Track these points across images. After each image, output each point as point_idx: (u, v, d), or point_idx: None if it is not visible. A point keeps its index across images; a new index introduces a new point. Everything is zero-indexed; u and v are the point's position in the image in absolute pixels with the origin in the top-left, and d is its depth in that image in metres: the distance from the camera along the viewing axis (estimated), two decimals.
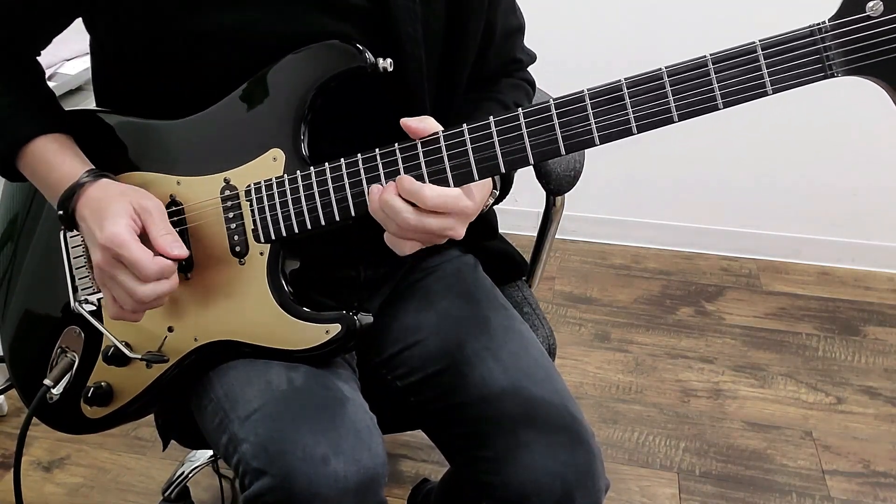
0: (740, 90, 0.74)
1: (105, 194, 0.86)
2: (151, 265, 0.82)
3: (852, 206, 2.39)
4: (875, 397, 1.93)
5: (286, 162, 0.87)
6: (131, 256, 0.82)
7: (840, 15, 0.71)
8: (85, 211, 0.86)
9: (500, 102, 1.04)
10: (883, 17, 0.70)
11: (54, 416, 1.01)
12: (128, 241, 0.82)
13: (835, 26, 0.71)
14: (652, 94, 0.75)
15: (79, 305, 0.95)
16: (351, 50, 0.85)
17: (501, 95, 1.05)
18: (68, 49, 1.75)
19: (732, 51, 0.74)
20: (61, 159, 0.90)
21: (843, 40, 0.71)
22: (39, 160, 0.91)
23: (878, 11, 0.70)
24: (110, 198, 0.86)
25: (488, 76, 1.05)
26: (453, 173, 0.81)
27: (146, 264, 0.82)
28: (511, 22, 1.06)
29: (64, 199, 0.88)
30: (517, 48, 1.10)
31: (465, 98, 1.02)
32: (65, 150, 0.91)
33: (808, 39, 0.72)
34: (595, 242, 2.56)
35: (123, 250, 0.82)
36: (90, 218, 0.86)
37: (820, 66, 0.72)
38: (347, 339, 0.88)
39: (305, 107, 0.87)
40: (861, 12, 0.71)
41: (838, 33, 0.71)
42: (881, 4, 0.70)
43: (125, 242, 0.82)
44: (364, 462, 0.84)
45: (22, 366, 1.03)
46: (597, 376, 1.99)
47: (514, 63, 1.10)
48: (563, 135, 0.78)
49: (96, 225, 0.84)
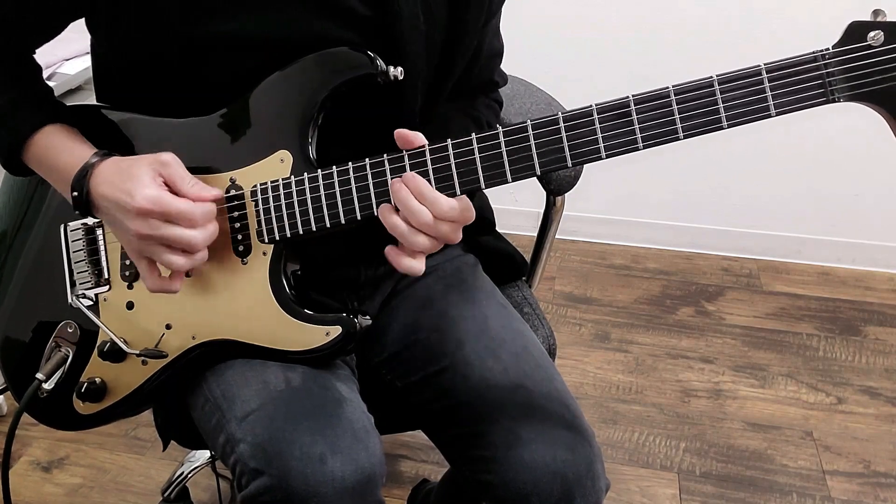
0: (744, 111, 0.76)
1: (118, 166, 0.86)
2: (198, 209, 0.83)
3: (852, 206, 2.39)
4: (875, 397, 1.93)
5: (294, 164, 0.87)
6: (179, 207, 0.82)
7: (843, 42, 0.73)
8: (103, 187, 0.85)
9: (475, 120, 1.07)
10: (884, 47, 0.72)
11: (46, 411, 1.00)
12: (165, 196, 0.82)
13: (837, 53, 0.73)
14: (659, 112, 0.77)
15: (76, 299, 0.95)
16: (363, 58, 0.86)
17: (477, 113, 1.08)
18: (68, 49, 1.76)
19: (738, 73, 0.75)
20: (70, 145, 0.90)
21: (845, 67, 0.73)
22: (48, 148, 0.90)
23: (879, 41, 0.72)
24: (126, 166, 0.85)
25: (467, 93, 1.08)
26: (460, 181, 0.82)
27: (193, 209, 0.83)
28: (494, 45, 1.09)
29: (77, 180, 0.87)
30: (495, 70, 1.13)
31: (446, 108, 1.03)
32: (72, 137, 0.91)
33: (811, 65, 0.74)
34: (595, 242, 2.56)
35: (166, 206, 0.82)
36: (112, 191, 0.84)
37: (822, 90, 0.74)
38: (347, 341, 0.88)
39: (315, 110, 0.87)
40: (863, 41, 0.73)
41: (840, 60, 0.73)
42: (882, 34, 0.72)
43: (163, 198, 0.82)
44: (361, 462, 0.84)
45: (14, 360, 1.03)
46: (597, 376, 1.99)
47: (491, 84, 1.14)
48: (570, 147, 0.79)
49: (123, 194, 0.83)
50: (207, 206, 0.85)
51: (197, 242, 0.84)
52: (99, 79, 1.00)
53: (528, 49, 1.99)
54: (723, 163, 2.39)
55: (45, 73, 0.99)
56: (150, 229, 0.83)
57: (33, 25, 0.92)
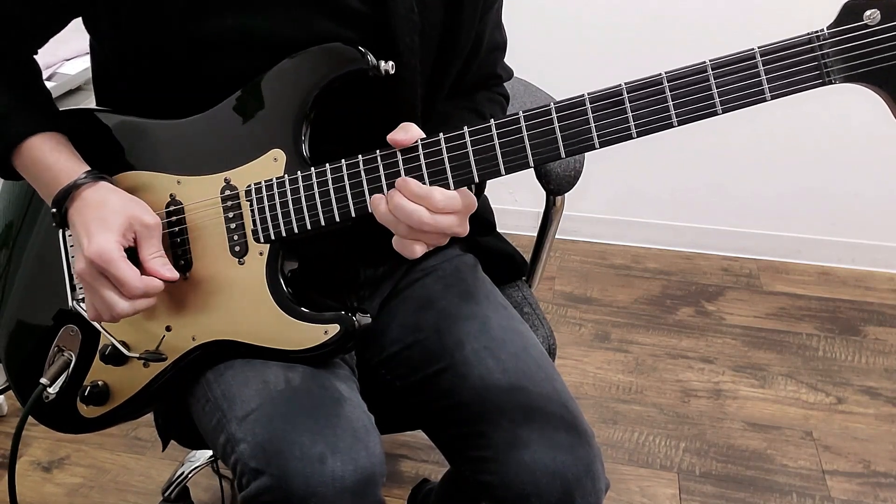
0: (739, 96, 0.74)
1: (99, 202, 0.86)
2: (138, 284, 0.83)
3: (852, 206, 2.39)
4: (875, 397, 1.93)
5: (287, 162, 0.87)
6: (118, 274, 0.83)
7: (838, 23, 0.72)
8: (76, 218, 0.87)
9: (478, 113, 1.05)
10: (880, 26, 0.71)
11: (50, 415, 1.01)
12: (115, 258, 0.83)
13: (833, 34, 0.72)
14: (652, 99, 0.76)
15: (76, 304, 0.95)
16: (353, 52, 0.85)
17: (479, 107, 1.07)
18: (68, 49, 1.75)
19: (731, 57, 0.74)
20: (55, 158, 0.90)
21: (841, 48, 0.72)
22: (34, 159, 0.90)
23: (875, 20, 0.71)
24: (105, 209, 0.86)
25: (468, 87, 1.07)
26: (453, 175, 0.81)
27: (133, 283, 0.83)
28: (496, 37, 1.08)
29: (58, 200, 0.87)
30: (498, 64, 1.12)
31: (445, 106, 1.03)
32: (60, 149, 0.91)
33: (806, 47, 0.72)
34: (595, 242, 2.55)
35: (111, 267, 0.83)
36: (80, 226, 0.86)
37: (818, 73, 0.72)
38: (346, 339, 0.88)
39: (307, 107, 0.87)
40: (858, 21, 0.71)
41: (836, 41, 0.72)
42: (878, 13, 0.70)
43: (112, 260, 0.83)
44: (361, 462, 0.84)
45: (18, 365, 1.03)
46: (597, 376, 1.99)
47: (494, 78, 1.12)
48: (563, 138, 0.78)
49: (85, 235, 0.85)
50: (151, 283, 0.85)
51: (121, 311, 0.85)
52: (98, 79, 1.00)
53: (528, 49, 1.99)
54: (723, 163, 2.39)
55: (45, 73, 0.99)
56: (89, 277, 0.84)
57: (33, 23, 0.91)
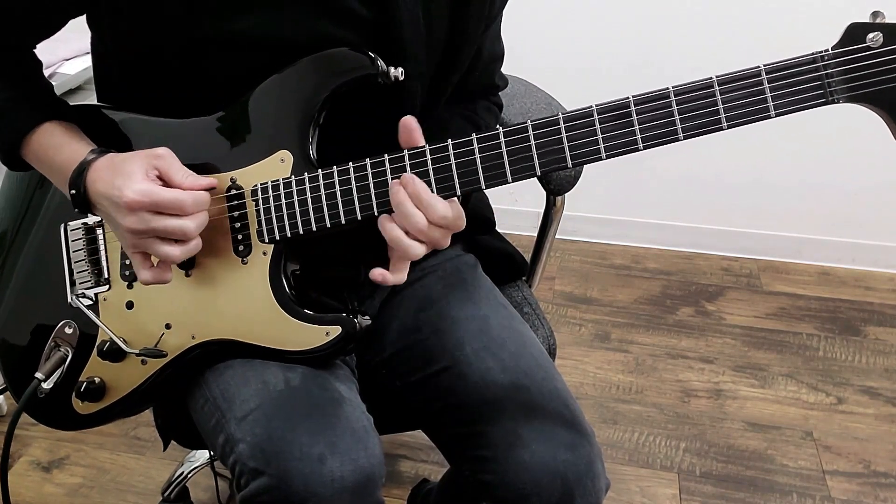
0: (744, 112, 0.76)
1: (112, 162, 0.86)
2: (189, 197, 0.83)
3: (852, 206, 2.38)
4: (875, 397, 1.93)
5: (294, 164, 0.87)
6: (167, 197, 0.82)
7: (842, 44, 0.74)
8: (98, 184, 0.85)
9: (475, 124, 1.07)
10: (882, 49, 0.72)
11: (45, 410, 1.00)
12: (154, 188, 0.82)
13: (836, 55, 0.74)
14: (659, 113, 0.77)
15: (76, 299, 0.95)
16: (364, 58, 0.86)
17: (477, 117, 1.09)
18: (68, 49, 1.75)
19: (737, 74, 0.76)
20: (67, 141, 0.90)
21: (844, 69, 0.74)
22: (45, 145, 0.90)
23: (877, 43, 0.73)
24: (120, 161, 0.85)
25: (468, 95, 1.08)
26: (461, 181, 0.82)
27: (183, 198, 0.82)
28: (496, 48, 1.09)
29: (74, 178, 0.87)
30: (496, 74, 1.13)
31: (443, 113, 1.03)
32: (71, 134, 0.91)
33: (810, 66, 0.74)
34: (595, 242, 2.55)
35: (155, 196, 0.82)
36: (105, 187, 0.84)
37: (822, 91, 0.74)
38: (347, 341, 0.88)
39: (316, 110, 0.87)
40: (861, 42, 0.73)
41: (839, 62, 0.74)
42: (881, 36, 0.72)
43: (152, 190, 0.82)
44: (361, 462, 0.84)
45: (13, 360, 1.03)
46: (597, 376, 1.99)
47: (492, 88, 1.14)
48: (570, 148, 0.79)
49: (115, 189, 0.83)
50: (199, 195, 0.84)
51: (189, 230, 0.83)
52: (99, 78, 1.00)
53: (528, 49, 1.99)
54: (723, 163, 2.39)
55: (45, 73, 0.99)
56: (142, 223, 0.83)
57: (35, 20, 0.92)
